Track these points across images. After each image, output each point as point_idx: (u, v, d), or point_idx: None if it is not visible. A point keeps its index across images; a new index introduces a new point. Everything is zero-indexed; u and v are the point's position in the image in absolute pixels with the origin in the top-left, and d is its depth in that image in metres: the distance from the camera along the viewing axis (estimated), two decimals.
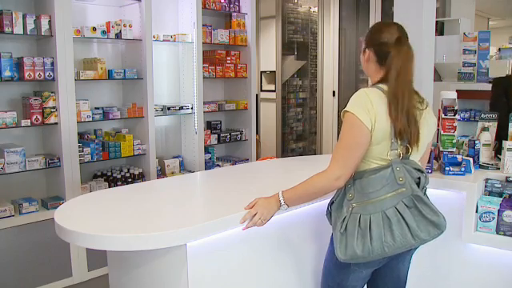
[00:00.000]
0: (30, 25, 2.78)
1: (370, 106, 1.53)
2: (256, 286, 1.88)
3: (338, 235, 1.61)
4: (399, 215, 1.55)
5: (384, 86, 1.59)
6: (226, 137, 4.05)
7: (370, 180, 1.58)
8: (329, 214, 1.77)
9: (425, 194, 1.65)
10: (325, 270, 1.83)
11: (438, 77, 4.71)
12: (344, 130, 1.57)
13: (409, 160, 1.60)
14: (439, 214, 1.59)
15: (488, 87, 2.95)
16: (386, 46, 1.60)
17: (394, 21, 3.02)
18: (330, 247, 1.76)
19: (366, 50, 1.66)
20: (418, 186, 1.59)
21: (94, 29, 3.08)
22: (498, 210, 2.02)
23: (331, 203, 1.75)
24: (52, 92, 2.90)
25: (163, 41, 3.56)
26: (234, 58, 4.04)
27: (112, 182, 3.30)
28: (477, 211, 2.07)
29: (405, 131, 1.55)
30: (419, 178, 1.61)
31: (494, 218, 2.03)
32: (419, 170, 1.61)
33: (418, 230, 1.55)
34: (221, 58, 3.97)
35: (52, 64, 2.87)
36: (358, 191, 1.60)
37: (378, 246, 1.54)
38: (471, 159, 2.23)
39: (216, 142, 3.98)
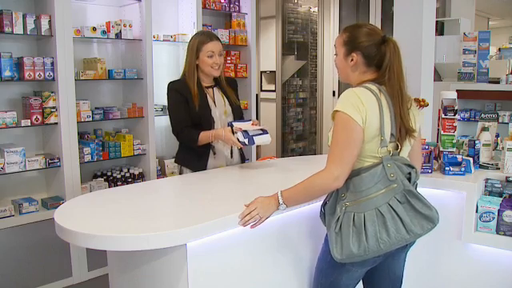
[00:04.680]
0: (30, 25, 2.78)
1: (361, 105, 1.54)
2: (255, 286, 1.88)
3: (333, 235, 1.61)
4: (393, 211, 1.56)
5: (372, 86, 1.60)
6: None
7: (362, 178, 1.59)
8: (322, 214, 1.77)
9: (415, 189, 1.66)
10: (318, 269, 1.83)
11: (438, 77, 4.71)
12: (337, 130, 1.57)
13: (399, 156, 1.62)
14: (432, 207, 1.61)
15: (488, 87, 2.95)
16: (376, 47, 1.62)
17: (395, 21, 3.05)
18: (324, 247, 1.77)
19: (353, 54, 1.65)
20: (409, 182, 1.61)
21: (94, 29, 3.08)
22: (498, 210, 2.02)
23: (324, 204, 1.76)
24: (52, 92, 2.90)
25: (163, 41, 3.56)
26: (234, 57, 4.04)
27: (112, 182, 3.31)
28: (477, 211, 2.07)
29: (405, 126, 1.60)
30: (410, 174, 1.63)
31: (494, 218, 2.03)
32: (409, 166, 1.63)
33: (411, 225, 1.56)
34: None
35: (52, 64, 2.87)
36: (351, 190, 1.61)
37: (373, 243, 1.54)
38: (471, 159, 2.23)
39: None
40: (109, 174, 3.34)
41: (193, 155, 2.48)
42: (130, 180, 3.34)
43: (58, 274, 3.00)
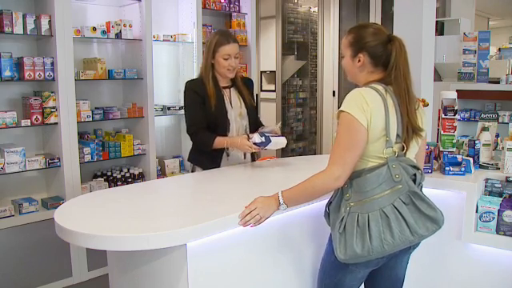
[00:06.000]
0: (30, 25, 2.78)
1: (366, 105, 1.54)
2: (256, 286, 1.88)
3: (337, 235, 1.61)
4: (397, 212, 1.55)
5: (378, 86, 1.60)
6: None
7: (366, 178, 1.58)
8: (327, 214, 1.77)
9: (421, 190, 1.65)
10: (322, 270, 1.83)
11: (438, 77, 4.71)
12: (341, 130, 1.57)
13: (404, 157, 1.61)
14: (437, 209, 1.60)
15: (488, 87, 2.95)
16: (382, 47, 1.62)
17: (395, 21, 3.05)
18: (328, 248, 1.77)
19: (360, 54, 1.65)
20: (414, 183, 1.60)
21: (94, 29, 3.08)
22: (498, 210, 2.02)
23: (329, 204, 1.75)
24: (52, 92, 2.90)
25: (163, 41, 3.56)
26: None
27: (112, 182, 3.30)
28: (477, 211, 2.07)
29: (412, 125, 1.60)
30: (415, 175, 1.62)
31: (494, 218, 2.03)
32: (415, 167, 1.63)
33: (416, 226, 1.56)
34: None
35: (52, 64, 2.87)
36: (355, 190, 1.61)
37: (377, 244, 1.54)
38: (471, 159, 2.23)
39: None
40: (109, 173, 3.34)
41: (206, 156, 2.48)
42: (130, 180, 3.34)
43: (58, 274, 3.00)
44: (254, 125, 2.56)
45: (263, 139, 2.30)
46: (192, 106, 2.45)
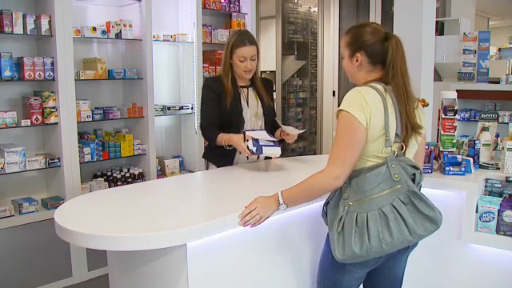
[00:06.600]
0: (30, 25, 2.78)
1: (365, 104, 1.54)
2: (255, 286, 1.88)
3: (335, 235, 1.61)
4: (396, 212, 1.55)
5: (378, 85, 1.59)
6: None
7: (365, 178, 1.58)
8: (325, 214, 1.76)
9: (419, 190, 1.65)
10: (320, 270, 1.83)
11: (438, 77, 4.71)
12: (340, 129, 1.57)
13: (403, 157, 1.61)
14: (435, 209, 1.60)
15: (488, 87, 2.95)
16: (379, 45, 1.62)
17: (395, 21, 3.05)
18: (326, 247, 1.76)
19: (357, 54, 1.65)
20: (413, 183, 1.60)
21: (94, 29, 3.08)
22: (498, 210, 2.02)
23: (326, 203, 1.75)
24: (52, 92, 2.90)
25: (163, 41, 3.56)
26: None
27: (112, 182, 3.30)
28: (477, 211, 2.07)
29: (410, 122, 1.60)
30: (414, 175, 1.62)
31: (493, 218, 2.03)
32: (414, 167, 1.63)
33: (414, 226, 1.55)
34: (221, 58, 3.95)
35: (52, 64, 2.87)
36: (354, 190, 1.60)
37: (375, 243, 1.54)
38: (471, 159, 2.23)
39: None
40: (109, 173, 3.34)
41: (220, 152, 2.47)
42: (130, 180, 3.34)
43: (58, 274, 3.00)
44: (271, 126, 2.56)
45: (254, 149, 2.29)
46: (206, 102, 2.48)
